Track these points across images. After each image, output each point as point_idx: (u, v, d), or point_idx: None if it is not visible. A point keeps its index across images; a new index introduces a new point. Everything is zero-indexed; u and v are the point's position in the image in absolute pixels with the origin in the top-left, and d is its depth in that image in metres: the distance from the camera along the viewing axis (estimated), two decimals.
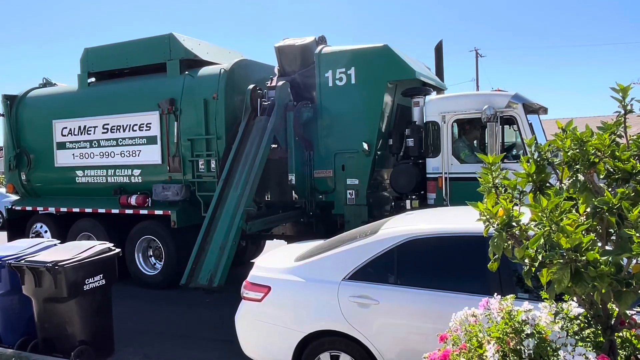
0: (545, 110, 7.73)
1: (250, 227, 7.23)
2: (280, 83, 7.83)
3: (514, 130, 7.15)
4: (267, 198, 8.63)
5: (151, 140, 8.40)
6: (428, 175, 7.19)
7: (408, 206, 7.08)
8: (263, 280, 4.17)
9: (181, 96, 8.18)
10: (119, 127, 8.70)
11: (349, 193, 7.58)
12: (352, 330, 3.73)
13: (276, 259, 4.61)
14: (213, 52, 8.93)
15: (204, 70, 8.30)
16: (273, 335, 4.08)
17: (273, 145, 7.72)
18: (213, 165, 8.02)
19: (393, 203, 7.69)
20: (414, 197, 7.19)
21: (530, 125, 6.85)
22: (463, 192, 6.68)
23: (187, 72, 8.30)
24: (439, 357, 2.48)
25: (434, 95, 7.97)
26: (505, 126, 6.95)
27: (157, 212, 8.31)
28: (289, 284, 4.06)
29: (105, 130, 8.81)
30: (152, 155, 8.42)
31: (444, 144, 7.07)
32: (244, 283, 4.30)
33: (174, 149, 8.22)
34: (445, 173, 7.01)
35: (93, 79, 9.39)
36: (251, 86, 7.84)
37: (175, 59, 8.38)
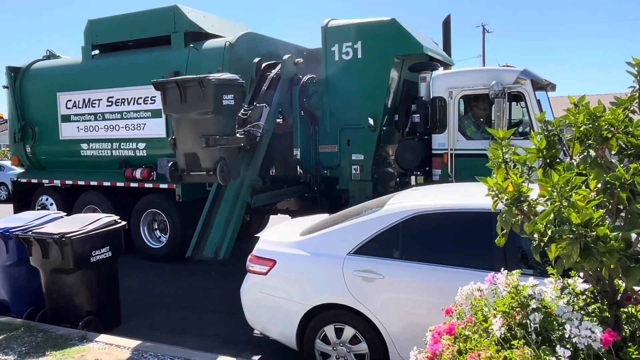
0: (553, 87, 7.63)
1: (256, 201, 7.25)
2: (286, 56, 7.75)
3: (521, 107, 7.07)
4: (272, 173, 8.63)
5: (156, 113, 8.36)
6: (433, 152, 7.15)
7: (413, 182, 7.06)
8: (268, 254, 4.20)
9: (186, 69, 8.08)
10: (123, 100, 8.65)
11: (354, 168, 7.56)
12: (356, 303, 3.76)
13: (281, 233, 4.63)
14: (218, 25, 8.81)
15: (208, 44, 8.20)
16: (278, 308, 4.13)
17: (278, 120, 7.69)
18: None
19: (398, 179, 7.68)
20: (418, 173, 7.17)
21: (538, 101, 6.77)
22: (468, 168, 6.66)
23: (191, 45, 8.20)
24: (445, 329, 2.50)
25: (441, 71, 7.87)
26: (512, 103, 6.87)
27: (162, 185, 8.34)
28: (294, 258, 4.09)
29: (110, 103, 8.77)
30: (156, 128, 8.40)
31: (450, 120, 7.00)
32: (250, 256, 4.33)
33: None
34: (451, 149, 6.97)
35: (97, 52, 9.31)
36: (257, 59, 7.76)
37: (179, 32, 8.28)
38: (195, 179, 6.24)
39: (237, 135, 6.25)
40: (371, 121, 7.30)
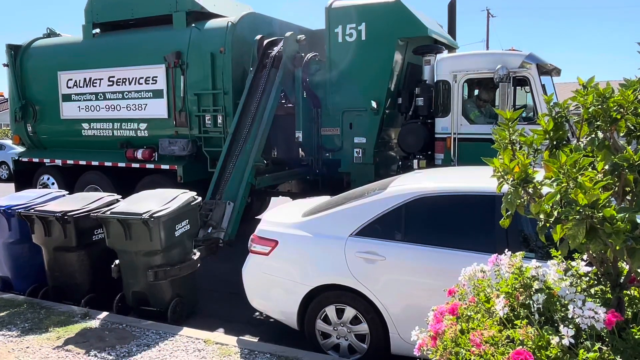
0: (558, 72, 7.57)
1: (259, 182, 7.25)
2: (288, 34, 7.65)
3: (525, 91, 7.02)
4: (274, 155, 8.60)
5: (157, 94, 8.32)
6: (437, 136, 7.12)
7: (415, 166, 7.05)
8: (271, 235, 4.21)
9: (188, 49, 8.04)
10: (124, 80, 8.60)
11: (356, 151, 7.54)
12: (358, 284, 3.78)
13: (284, 214, 4.64)
14: (220, 5, 8.70)
15: (210, 23, 8.12)
16: (280, 288, 4.15)
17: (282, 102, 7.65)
18: (220, 121, 7.97)
19: (400, 163, 7.66)
20: (421, 157, 7.15)
21: (543, 86, 6.72)
22: (472, 153, 6.64)
23: (193, 25, 8.13)
24: (447, 310, 2.51)
25: (445, 54, 7.80)
26: (516, 87, 6.82)
27: (163, 166, 8.33)
28: (296, 239, 4.09)
29: (111, 83, 8.72)
30: (158, 109, 8.36)
31: (454, 104, 6.96)
32: (252, 237, 4.34)
33: (181, 103, 8.15)
34: (455, 133, 6.94)
35: (98, 30, 9.22)
36: (258, 36, 7.69)
37: (181, 11, 8.19)
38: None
39: (195, 253, 5.32)
40: (374, 104, 7.26)
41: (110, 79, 8.72)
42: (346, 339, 3.95)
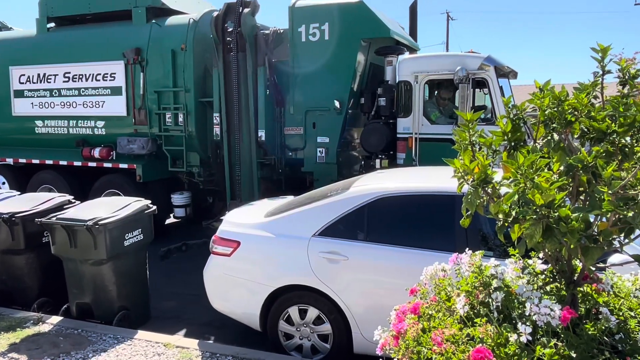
0: (515, 75, 7.78)
1: None
2: (246, 10, 7.49)
3: (484, 93, 7.19)
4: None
5: (116, 91, 8.06)
6: (398, 135, 7.19)
7: (377, 165, 7.10)
8: (232, 235, 4.14)
9: (147, 46, 7.83)
10: (81, 76, 8.29)
11: (319, 151, 7.53)
12: (320, 285, 3.77)
13: (246, 214, 4.58)
14: (181, 1, 8.53)
15: (171, 20, 7.94)
16: (242, 290, 4.09)
17: None
18: (181, 119, 7.82)
19: (362, 162, 7.70)
20: (383, 156, 7.20)
21: (501, 88, 6.89)
22: (432, 152, 6.74)
23: (153, 21, 7.93)
24: (409, 309, 2.53)
25: (407, 55, 7.89)
26: (475, 89, 6.97)
27: (121, 165, 8.09)
28: (258, 239, 4.05)
29: (67, 79, 8.39)
30: (116, 106, 8.10)
31: (415, 104, 7.04)
32: (213, 238, 4.26)
33: (140, 101, 7.93)
34: (416, 133, 7.03)
35: (52, 24, 8.85)
36: (215, 13, 7.55)
37: (141, 7, 7.96)
38: None
39: None
40: (337, 104, 7.26)
41: (66, 75, 8.39)
42: (309, 339, 3.93)
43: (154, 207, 5.01)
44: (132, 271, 4.80)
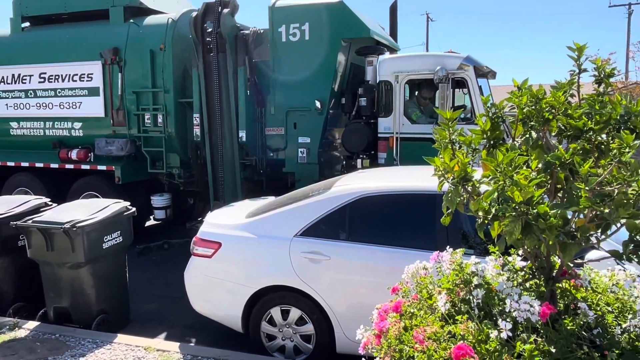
0: (493, 75, 7.87)
1: None
2: (226, 10, 7.44)
3: (463, 93, 7.25)
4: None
5: (93, 91, 7.93)
6: (379, 135, 7.22)
7: (359, 165, 7.11)
8: (214, 237, 4.11)
9: (126, 46, 7.73)
10: (57, 77, 8.14)
11: (300, 151, 7.51)
12: (302, 285, 3.76)
13: (227, 215, 4.54)
14: (159, 1, 8.43)
15: (150, 19, 7.85)
16: (223, 291, 4.06)
17: None
18: (160, 120, 7.73)
19: (344, 162, 7.71)
20: (364, 156, 7.22)
21: (480, 88, 6.97)
22: (413, 152, 6.78)
23: (131, 21, 7.83)
24: (391, 307, 2.53)
25: (387, 55, 7.92)
26: (455, 89, 7.03)
27: (100, 167, 7.96)
28: (240, 240, 4.02)
29: (42, 80, 8.23)
30: (94, 107, 7.97)
31: (396, 104, 7.07)
32: (194, 239, 4.22)
33: (118, 101, 7.82)
34: (397, 133, 7.06)
35: (27, 24, 8.67)
36: (193, 14, 7.48)
37: (118, 6, 7.86)
38: None
39: None
40: (318, 104, 7.26)
41: (42, 75, 8.23)
42: (292, 340, 3.92)
43: (133, 209, 4.93)
44: (111, 274, 4.72)
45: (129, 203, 4.96)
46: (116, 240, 4.69)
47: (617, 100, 2.14)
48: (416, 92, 7.53)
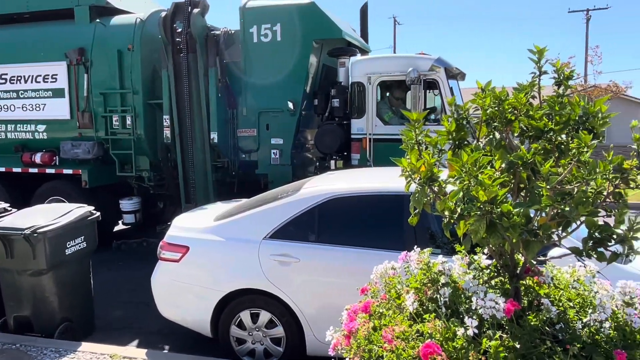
0: (463, 76, 7.99)
1: None
2: (196, 10, 7.34)
3: (434, 94, 7.34)
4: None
5: (58, 93, 7.73)
6: (353, 136, 7.24)
7: (332, 167, 7.12)
8: (181, 240, 4.04)
9: (92, 46, 7.56)
10: (19, 78, 7.91)
11: (273, 153, 7.48)
12: (272, 287, 3.73)
13: (195, 218, 4.48)
14: (126, 0, 8.27)
15: (117, 19, 7.70)
16: (191, 296, 4.00)
17: None
18: (129, 122, 7.58)
19: (317, 163, 7.70)
20: (337, 157, 7.23)
21: (451, 89, 7.05)
22: (387, 153, 6.78)
23: (98, 20, 7.66)
24: (360, 308, 2.53)
25: (359, 57, 7.95)
26: (427, 90, 7.10)
27: (66, 171, 7.76)
28: (208, 244, 3.96)
29: (4, 81, 7.98)
30: (59, 109, 7.76)
31: (368, 106, 7.11)
32: (161, 243, 4.14)
33: (84, 103, 7.64)
34: (370, 134, 7.10)
35: None
36: (162, 14, 7.37)
37: (84, 5, 7.68)
38: None
39: None
40: (291, 105, 7.24)
41: (3, 76, 7.97)
42: (262, 343, 3.88)
43: (98, 214, 4.80)
44: (74, 281, 4.59)
45: (93, 207, 4.83)
46: (80, 246, 4.55)
47: (576, 101, 2.19)
48: (387, 94, 7.59)
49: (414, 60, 6.98)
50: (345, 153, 7.36)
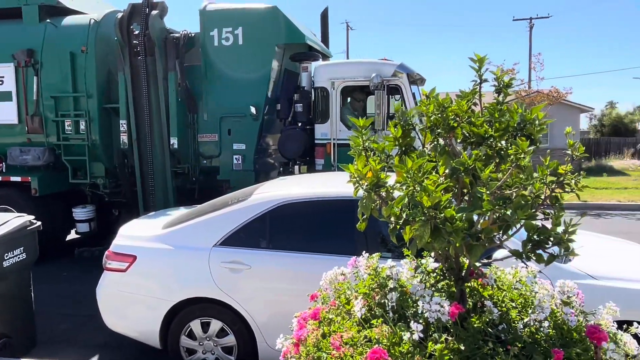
0: (423, 82, 8.10)
1: None
2: (154, 12, 7.21)
3: (395, 100, 7.42)
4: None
5: (4, 96, 7.41)
6: (317, 141, 7.23)
7: (296, 172, 7.09)
8: (128, 249, 3.93)
9: (42, 47, 7.29)
10: None
11: (235, 158, 7.39)
12: (223, 296, 3.67)
13: (142, 226, 4.37)
14: (78, 1, 8.03)
15: (69, 20, 7.46)
16: (139, 307, 3.88)
17: None
18: (83, 127, 7.34)
19: (281, 169, 7.64)
20: (301, 162, 7.21)
21: (413, 94, 7.14)
22: (351, 157, 6.81)
23: (48, 21, 7.39)
24: (310, 314, 2.51)
25: (322, 62, 7.97)
26: (389, 95, 7.14)
27: (13, 178, 7.43)
28: (156, 252, 3.87)
29: None
30: (5, 113, 7.45)
31: (332, 111, 7.12)
32: (107, 253, 4.02)
33: (33, 107, 7.35)
34: (334, 139, 7.11)
35: None
36: (118, 15, 7.19)
37: (32, 4, 7.40)
38: None
39: None
40: (253, 110, 7.16)
41: None
42: (213, 353, 3.80)
43: (38, 223, 4.57)
44: (13, 294, 4.34)
45: (33, 217, 4.60)
46: (18, 258, 4.33)
47: (514, 108, 2.25)
48: (349, 99, 7.63)
49: (377, 66, 7.04)
50: (309, 158, 7.34)
